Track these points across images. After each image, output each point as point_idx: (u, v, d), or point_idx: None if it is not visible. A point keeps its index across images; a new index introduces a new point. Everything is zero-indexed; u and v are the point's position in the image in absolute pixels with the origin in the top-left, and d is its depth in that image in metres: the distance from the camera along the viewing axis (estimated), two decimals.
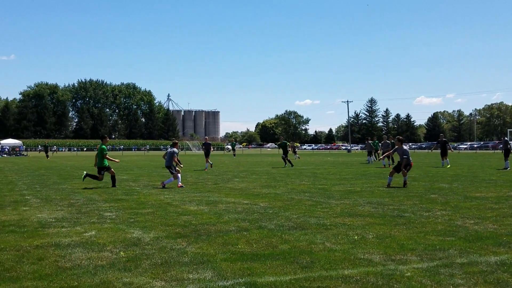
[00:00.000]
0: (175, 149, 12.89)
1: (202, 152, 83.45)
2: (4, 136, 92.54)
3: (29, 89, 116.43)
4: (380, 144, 25.84)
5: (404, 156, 12.28)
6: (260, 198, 9.76)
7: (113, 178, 12.62)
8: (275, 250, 5.05)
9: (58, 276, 4.13)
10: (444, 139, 23.23)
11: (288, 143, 23.69)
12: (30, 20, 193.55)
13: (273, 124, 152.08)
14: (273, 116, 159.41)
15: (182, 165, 13.32)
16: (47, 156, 45.08)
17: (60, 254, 4.93)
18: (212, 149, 23.19)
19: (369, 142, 27.42)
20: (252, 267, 4.35)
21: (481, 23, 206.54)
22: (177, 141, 13.68)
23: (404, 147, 12.51)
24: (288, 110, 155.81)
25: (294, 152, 35.69)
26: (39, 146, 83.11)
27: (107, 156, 12.72)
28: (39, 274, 4.20)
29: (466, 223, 6.59)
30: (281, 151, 25.17)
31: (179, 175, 12.64)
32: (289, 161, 22.95)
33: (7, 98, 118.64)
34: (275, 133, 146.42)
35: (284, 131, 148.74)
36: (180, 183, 12.48)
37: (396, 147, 12.81)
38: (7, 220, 7.15)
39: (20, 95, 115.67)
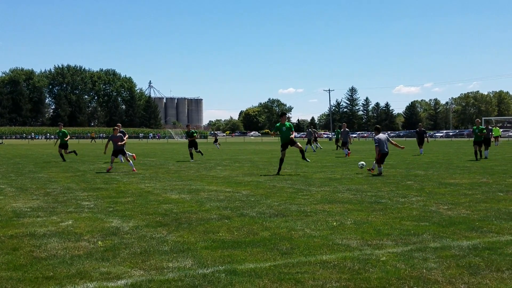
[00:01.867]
0: (113, 135, 14.61)
1: (185, 140, 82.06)
2: None
3: (3, 75, 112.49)
4: (340, 132, 26.26)
5: (375, 144, 12.33)
6: (243, 186, 9.77)
7: (302, 151, 13.12)
8: (256, 237, 5.09)
9: (33, 266, 4.05)
10: (422, 129, 24.16)
11: (195, 133, 21.59)
12: (5, 4, 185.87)
13: (256, 112, 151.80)
14: (257, 104, 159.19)
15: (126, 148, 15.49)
16: None
17: (35, 244, 4.83)
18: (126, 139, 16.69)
19: (309, 130, 28.09)
20: (232, 255, 4.37)
21: (459, 14, 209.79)
22: (116, 127, 14.96)
23: (378, 136, 12.43)
24: (271, 98, 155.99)
25: (216, 141, 35.67)
26: None
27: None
28: (14, 264, 4.11)
29: (440, 209, 6.77)
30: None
31: (131, 161, 14.22)
32: (191, 155, 19.87)
33: None
34: (259, 122, 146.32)
35: (267, 119, 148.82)
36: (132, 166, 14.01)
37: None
38: None
39: None
